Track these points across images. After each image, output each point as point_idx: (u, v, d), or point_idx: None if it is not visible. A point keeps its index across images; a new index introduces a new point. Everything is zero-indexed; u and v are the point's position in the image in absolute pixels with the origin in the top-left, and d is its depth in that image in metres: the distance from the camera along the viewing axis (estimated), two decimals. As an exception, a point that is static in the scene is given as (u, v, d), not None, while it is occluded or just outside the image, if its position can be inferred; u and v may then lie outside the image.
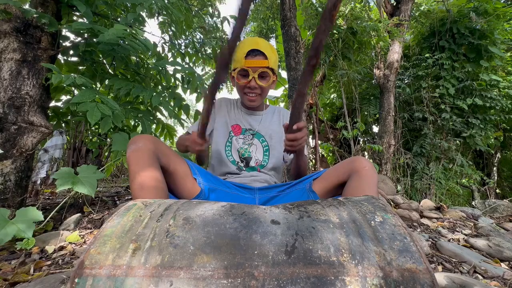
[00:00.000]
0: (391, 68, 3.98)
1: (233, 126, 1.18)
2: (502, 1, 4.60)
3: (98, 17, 1.85)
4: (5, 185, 1.37)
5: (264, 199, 1.02)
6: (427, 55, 4.21)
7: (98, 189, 2.42)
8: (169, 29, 2.60)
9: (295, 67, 2.84)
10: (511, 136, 4.94)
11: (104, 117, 1.36)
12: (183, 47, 2.66)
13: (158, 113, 2.09)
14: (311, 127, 3.81)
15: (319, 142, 3.91)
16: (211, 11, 3.20)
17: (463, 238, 1.59)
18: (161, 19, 2.49)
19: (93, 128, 2.16)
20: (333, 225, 0.46)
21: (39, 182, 1.90)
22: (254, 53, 1.07)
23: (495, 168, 5.10)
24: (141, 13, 1.82)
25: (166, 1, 1.98)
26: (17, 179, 1.41)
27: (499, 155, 5.11)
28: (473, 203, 2.90)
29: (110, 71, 1.95)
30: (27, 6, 1.57)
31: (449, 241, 1.52)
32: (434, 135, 4.03)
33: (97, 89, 1.78)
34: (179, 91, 2.18)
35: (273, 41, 5.42)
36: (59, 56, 1.74)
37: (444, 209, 2.24)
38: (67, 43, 1.73)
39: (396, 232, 0.45)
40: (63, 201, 1.44)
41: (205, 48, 2.84)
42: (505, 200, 2.64)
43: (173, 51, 2.56)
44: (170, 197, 0.90)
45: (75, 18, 1.82)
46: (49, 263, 1.03)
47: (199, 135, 0.94)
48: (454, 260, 1.26)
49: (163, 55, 2.48)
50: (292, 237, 0.43)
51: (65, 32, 1.68)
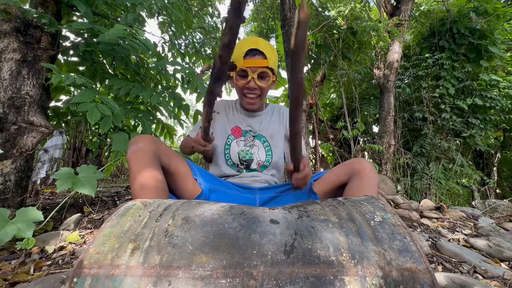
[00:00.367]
0: (391, 68, 3.98)
1: (233, 128, 1.17)
2: (502, 1, 4.59)
3: (98, 17, 1.85)
4: (5, 185, 1.37)
5: (264, 199, 1.02)
6: (427, 55, 4.21)
7: (98, 189, 2.42)
8: (169, 29, 2.60)
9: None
10: (511, 136, 4.93)
11: (104, 117, 1.36)
12: (183, 47, 2.66)
13: (158, 113, 2.09)
14: (311, 127, 3.81)
15: (319, 142, 3.91)
16: (211, 11, 3.20)
17: (463, 238, 1.59)
18: (161, 19, 2.49)
19: (93, 128, 2.16)
20: (332, 225, 0.46)
21: (39, 182, 1.90)
22: (253, 52, 1.04)
23: (495, 168, 5.09)
24: (141, 13, 1.83)
25: (166, 1, 1.98)
26: (17, 179, 1.41)
27: (499, 155, 5.11)
28: (473, 203, 2.90)
29: (110, 71, 1.95)
30: (27, 6, 1.58)
31: (449, 241, 1.52)
32: (434, 135, 4.03)
33: (97, 89, 1.78)
34: (179, 91, 2.18)
35: (273, 41, 5.41)
36: (59, 56, 1.74)
37: (444, 209, 2.24)
38: (67, 43, 1.73)
39: (395, 231, 0.44)
40: (63, 201, 1.44)
41: (205, 48, 2.84)
42: (505, 200, 2.64)
43: (173, 51, 2.56)
44: (171, 197, 0.90)
45: (75, 18, 1.82)
46: (49, 263, 1.03)
47: (203, 137, 0.94)
48: (454, 260, 1.26)
49: (163, 55, 2.48)
50: (291, 236, 0.43)
51: (65, 32, 1.68)
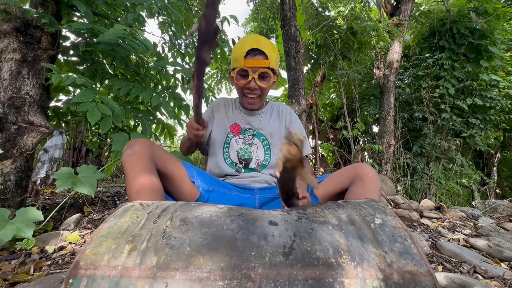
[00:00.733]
0: (391, 68, 3.97)
1: (232, 126, 1.16)
2: (502, 1, 4.59)
3: (98, 17, 1.85)
4: (5, 185, 1.37)
5: (264, 199, 1.01)
6: (427, 55, 4.21)
7: (98, 189, 2.42)
8: (169, 29, 2.60)
9: (295, 67, 2.84)
10: (511, 136, 4.93)
11: (104, 117, 1.36)
12: (183, 47, 2.66)
13: (158, 113, 2.09)
14: (311, 127, 3.81)
15: (319, 142, 3.91)
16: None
17: (463, 238, 1.58)
18: (161, 19, 2.49)
19: (93, 128, 2.16)
20: (332, 227, 0.45)
21: (39, 182, 1.90)
22: (254, 52, 1.03)
23: (495, 168, 5.09)
24: (141, 13, 1.82)
25: (166, 1, 1.98)
26: (17, 179, 1.41)
27: (499, 155, 5.10)
28: (473, 203, 2.90)
29: (110, 71, 1.95)
30: (27, 6, 1.57)
31: (449, 241, 1.52)
32: (434, 135, 4.03)
33: (97, 89, 1.78)
34: (179, 91, 2.18)
35: (273, 41, 5.41)
36: (59, 56, 1.74)
37: (444, 209, 2.23)
38: (67, 43, 1.73)
39: (396, 234, 0.44)
40: (63, 201, 1.44)
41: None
42: (505, 200, 2.64)
43: (173, 51, 2.56)
44: (168, 199, 0.89)
45: (75, 18, 1.82)
46: (49, 263, 1.03)
47: (195, 117, 0.89)
48: (454, 260, 1.26)
49: (163, 55, 2.48)
50: (290, 238, 0.43)
51: (65, 32, 1.68)
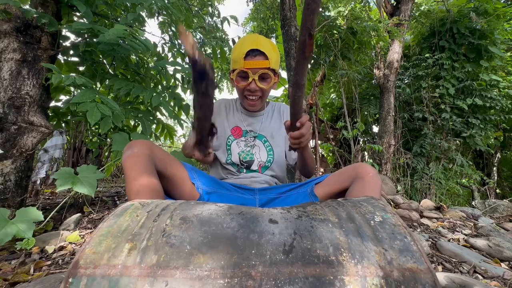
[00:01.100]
0: (391, 68, 3.97)
1: (233, 128, 1.15)
2: (502, 1, 4.59)
3: (98, 17, 1.85)
4: (5, 185, 1.37)
5: (264, 200, 1.01)
6: (427, 55, 4.21)
7: (98, 189, 2.42)
8: (169, 29, 2.60)
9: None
10: (511, 136, 4.93)
11: (104, 117, 1.36)
12: (183, 47, 2.66)
13: (158, 113, 2.09)
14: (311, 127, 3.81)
15: (319, 142, 3.91)
16: (211, 11, 3.20)
17: (463, 238, 1.58)
18: (161, 19, 2.49)
19: (93, 128, 2.16)
20: (332, 225, 0.46)
21: (39, 182, 1.90)
22: (254, 53, 1.01)
23: (495, 168, 5.09)
24: (141, 13, 1.83)
25: (166, 1, 1.98)
26: (17, 179, 1.41)
27: (499, 155, 5.11)
28: (473, 203, 2.90)
29: (110, 71, 1.95)
30: (27, 6, 1.58)
31: (449, 241, 1.52)
32: (434, 135, 4.03)
33: (97, 89, 1.78)
34: (179, 91, 2.18)
35: (273, 41, 5.41)
36: (59, 56, 1.74)
37: (444, 209, 2.23)
38: (67, 43, 1.73)
39: (396, 231, 0.44)
40: (63, 201, 1.44)
41: (205, 48, 2.84)
42: (505, 200, 2.64)
43: (173, 51, 2.56)
44: None
45: (75, 18, 1.82)
46: (49, 263, 1.03)
47: (199, 150, 0.87)
48: (454, 260, 1.26)
49: (163, 55, 2.48)
50: (290, 236, 0.43)
51: (65, 32, 1.68)
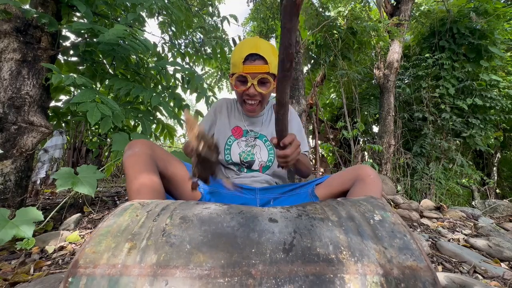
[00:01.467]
0: (391, 68, 3.98)
1: (234, 128, 1.15)
2: (502, 1, 4.59)
3: (98, 17, 1.85)
4: (5, 185, 1.37)
5: (265, 200, 1.01)
6: (427, 55, 4.21)
7: (98, 189, 2.42)
8: (169, 29, 2.60)
9: (295, 67, 2.85)
10: (511, 136, 4.93)
11: (104, 117, 1.36)
12: (183, 47, 2.66)
13: (158, 113, 2.09)
14: (311, 127, 3.81)
15: (319, 142, 3.91)
16: (211, 10, 3.20)
17: (463, 238, 1.58)
18: (161, 19, 2.49)
19: (93, 128, 2.16)
20: (331, 223, 0.46)
21: (39, 182, 1.90)
22: (253, 57, 1.00)
23: (495, 168, 5.09)
24: (141, 13, 1.83)
25: (166, 1, 1.98)
26: (17, 179, 1.41)
27: (499, 155, 5.11)
28: (473, 203, 2.90)
29: (110, 71, 1.95)
30: (27, 6, 1.58)
31: (449, 241, 1.52)
32: (434, 135, 4.03)
33: (97, 89, 1.78)
34: (179, 91, 2.18)
35: (273, 41, 5.41)
36: (59, 56, 1.75)
37: (444, 209, 2.23)
38: (67, 43, 1.74)
39: (395, 230, 0.44)
40: (63, 201, 1.44)
41: (205, 48, 2.84)
42: (505, 200, 2.64)
43: (173, 51, 2.56)
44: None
45: (75, 18, 1.83)
46: (49, 263, 1.03)
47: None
48: (454, 260, 1.26)
49: (163, 55, 2.48)
50: (290, 235, 0.43)
51: (65, 32, 1.68)
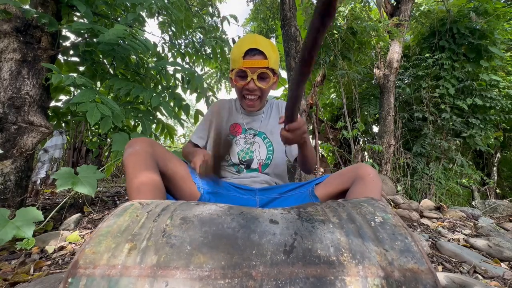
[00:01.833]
0: (391, 68, 3.97)
1: (232, 125, 1.15)
2: (502, 1, 4.59)
3: (98, 17, 1.85)
4: (5, 185, 1.37)
5: (264, 200, 1.00)
6: (427, 55, 4.21)
7: (98, 189, 2.41)
8: (169, 29, 2.60)
9: (295, 67, 2.84)
10: (511, 136, 4.93)
11: (104, 117, 1.36)
12: (183, 47, 2.66)
13: (158, 113, 2.09)
14: (311, 127, 3.81)
15: (319, 142, 3.90)
16: (211, 11, 3.20)
17: (463, 238, 1.59)
18: (161, 19, 2.49)
19: (93, 128, 2.16)
20: (332, 225, 0.46)
21: (39, 182, 1.90)
22: (252, 52, 1.01)
23: (495, 168, 5.09)
24: (141, 13, 1.83)
25: (166, 1, 1.98)
26: (17, 179, 1.41)
27: (499, 155, 5.11)
28: (473, 203, 2.90)
29: (110, 71, 1.95)
30: (27, 6, 1.58)
31: (449, 241, 1.52)
32: (434, 135, 4.03)
33: (97, 89, 1.78)
34: (179, 91, 2.18)
35: (273, 41, 5.41)
36: (59, 56, 1.74)
37: (444, 209, 2.23)
38: (67, 43, 1.73)
39: (396, 232, 0.44)
40: (63, 201, 1.44)
41: (205, 48, 2.84)
42: (505, 200, 2.64)
43: (173, 51, 2.56)
44: (169, 199, 0.89)
45: (75, 18, 1.82)
46: (49, 263, 1.03)
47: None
48: (454, 260, 1.26)
49: (163, 55, 2.48)
50: (291, 236, 0.43)
51: (65, 32, 1.68)
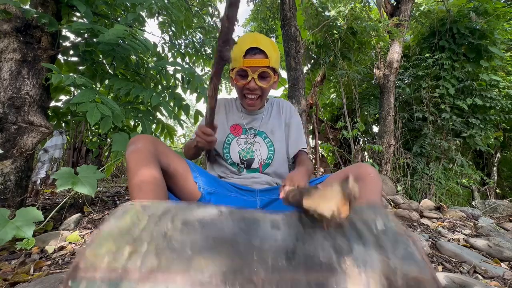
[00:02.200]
0: (391, 68, 3.97)
1: (233, 126, 1.15)
2: (502, 1, 4.59)
3: (98, 17, 1.85)
4: (5, 185, 1.37)
5: (265, 201, 1.00)
6: (427, 55, 4.21)
7: (98, 189, 2.42)
8: (169, 29, 2.60)
9: (295, 67, 2.84)
10: (511, 136, 4.93)
11: (104, 117, 1.36)
12: (183, 47, 2.66)
13: (158, 113, 2.09)
14: (311, 127, 3.81)
15: (319, 142, 3.90)
16: (211, 11, 3.20)
17: (463, 238, 1.59)
18: (161, 19, 2.49)
19: (93, 128, 2.16)
20: (334, 231, 0.45)
21: (39, 182, 1.90)
22: (253, 51, 1.00)
23: (495, 168, 5.09)
24: (141, 13, 1.82)
25: (166, 1, 1.97)
26: (17, 179, 1.41)
27: (499, 155, 5.11)
28: (473, 203, 2.90)
29: (110, 71, 1.94)
30: (27, 6, 1.57)
31: (449, 241, 1.52)
32: (434, 135, 4.03)
33: (97, 89, 1.78)
34: (179, 91, 2.18)
35: (273, 40, 5.40)
36: (59, 56, 1.74)
37: (444, 209, 2.24)
38: (67, 43, 1.73)
39: (399, 239, 0.44)
40: (63, 201, 1.44)
41: (205, 48, 2.84)
42: (505, 200, 2.64)
43: (173, 51, 2.56)
44: (170, 197, 0.89)
45: (75, 18, 1.82)
46: (49, 263, 1.03)
47: (208, 124, 0.89)
48: (454, 260, 1.26)
49: (163, 55, 2.48)
50: (292, 242, 0.43)
51: (65, 32, 1.68)
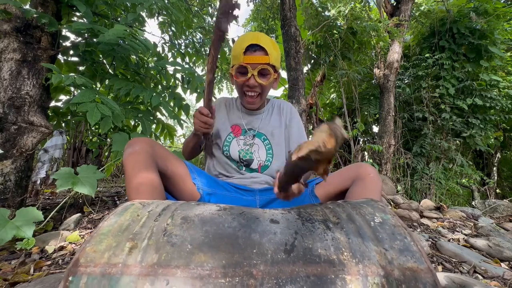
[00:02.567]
0: (391, 68, 3.98)
1: (233, 126, 1.15)
2: (502, 1, 4.60)
3: (98, 17, 1.85)
4: (5, 185, 1.37)
5: (265, 201, 1.00)
6: (427, 55, 4.21)
7: (98, 189, 2.42)
8: (169, 29, 2.61)
9: (295, 67, 2.84)
10: (511, 136, 4.93)
11: (104, 117, 1.36)
12: (183, 47, 2.66)
13: (158, 113, 2.09)
14: (311, 127, 3.81)
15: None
16: (211, 11, 3.21)
17: (463, 238, 1.59)
18: (161, 19, 2.49)
19: (93, 128, 2.16)
20: (332, 225, 0.46)
21: (39, 182, 1.90)
22: (253, 48, 1.00)
23: (495, 168, 5.09)
24: (141, 13, 1.83)
25: (166, 1, 1.98)
26: (17, 179, 1.41)
27: (499, 155, 5.11)
28: (473, 203, 2.90)
29: (110, 71, 1.95)
30: (27, 6, 1.58)
31: (449, 241, 1.52)
32: (434, 135, 4.03)
33: (97, 89, 1.78)
34: (179, 91, 2.18)
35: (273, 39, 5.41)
36: (59, 56, 1.75)
37: (444, 209, 2.24)
38: (67, 43, 1.74)
39: (396, 232, 0.45)
40: (63, 201, 1.44)
41: (205, 48, 2.85)
42: (505, 200, 2.64)
43: (173, 51, 2.56)
44: (169, 199, 0.89)
45: (75, 18, 1.83)
46: (49, 263, 1.03)
47: (205, 102, 0.89)
48: (454, 260, 1.26)
49: (163, 55, 2.48)
50: (291, 235, 0.43)
51: (65, 32, 1.68)
